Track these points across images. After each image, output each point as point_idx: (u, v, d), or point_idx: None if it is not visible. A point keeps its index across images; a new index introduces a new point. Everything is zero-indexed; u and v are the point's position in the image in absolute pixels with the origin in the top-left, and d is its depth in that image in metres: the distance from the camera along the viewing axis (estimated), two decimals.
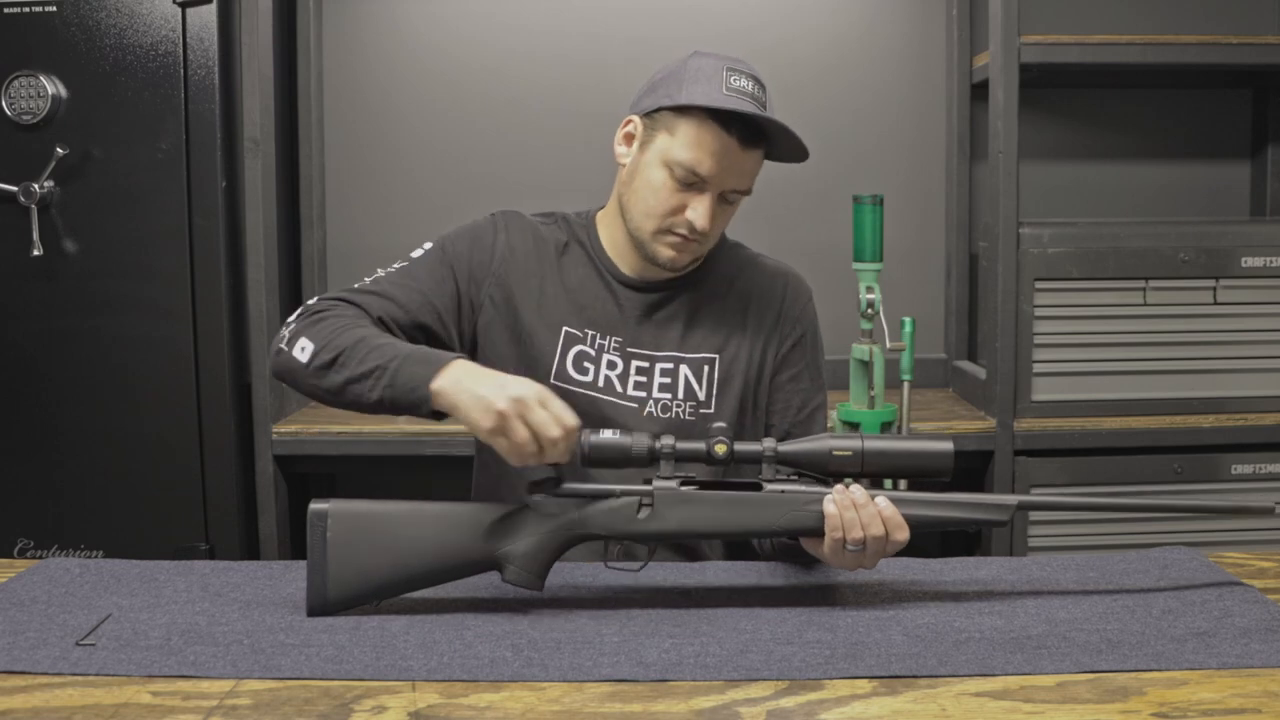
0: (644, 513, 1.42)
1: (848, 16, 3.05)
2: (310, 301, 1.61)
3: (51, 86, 2.49)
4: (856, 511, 1.40)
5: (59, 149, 2.47)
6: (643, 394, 1.64)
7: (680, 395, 1.65)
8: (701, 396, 1.66)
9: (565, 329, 1.65)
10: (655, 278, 1.67)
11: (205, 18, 2.49)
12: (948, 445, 1.41)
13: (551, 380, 1.64)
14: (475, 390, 1.41)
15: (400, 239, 3.02)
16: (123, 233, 2.52)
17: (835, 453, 1.41)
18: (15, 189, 2.47)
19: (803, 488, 1.43)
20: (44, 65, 2.49)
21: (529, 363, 1.65)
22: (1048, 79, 2.78)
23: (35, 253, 2.47)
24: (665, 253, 1.61)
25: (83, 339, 2.53)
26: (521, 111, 3.03)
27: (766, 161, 1.64)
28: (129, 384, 2.53)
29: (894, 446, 1.42)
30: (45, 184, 2.48)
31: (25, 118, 2.49)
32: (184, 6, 2.48)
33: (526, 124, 3.03)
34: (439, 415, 1.47)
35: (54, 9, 2.49)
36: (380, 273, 1.66)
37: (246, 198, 2.55)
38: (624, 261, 1.68)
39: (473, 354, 1.67)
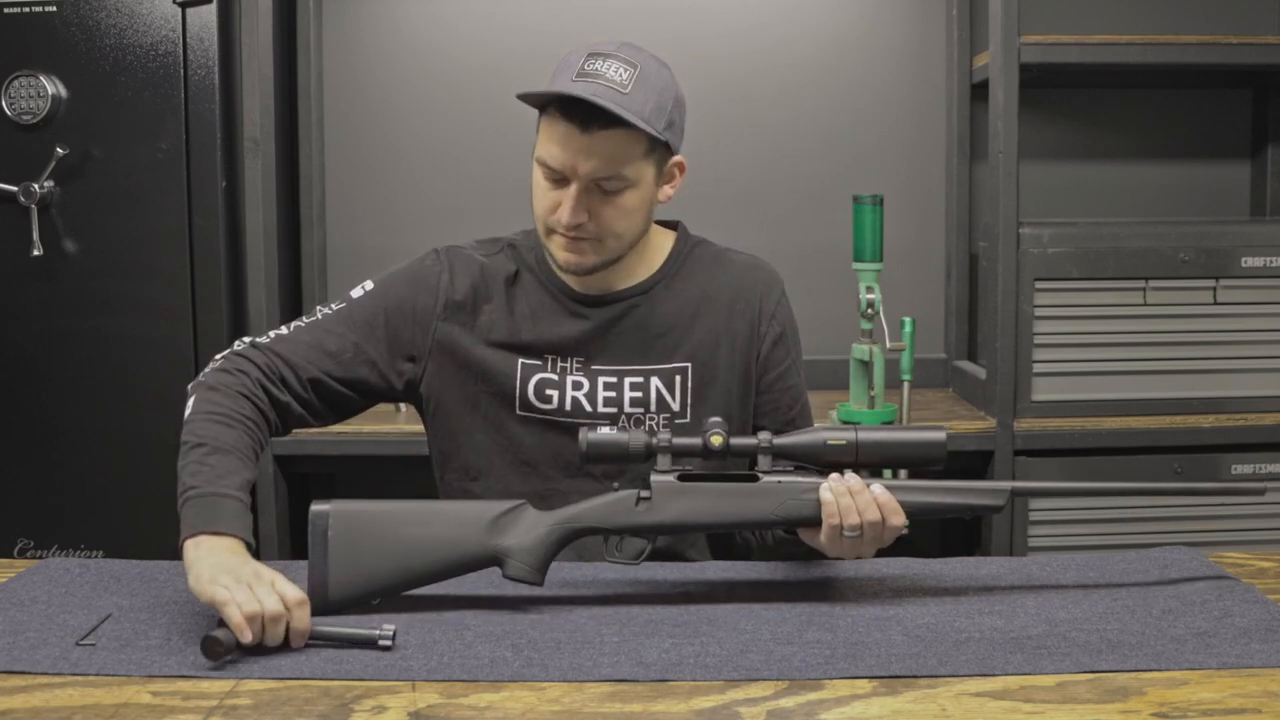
0: (642, 505, 1.42)
1: (848, 16, 3.05)
2: (236, 347, 1.58)
3: (51, 86, 2.49)
4: (852, 498, 1.41)
5: (59, 149, 2.47)
6: (613, 410, 1.62)
7: (653, 408, 1.63)
8: (675, 407, 1.63)
9: (521, 360, 1.62)
10: (610, 290, 1.64)
11: (205, 18, 2.49)
12: (940, 434, 1.42)
13: (517, 411, 1.62)
14: (198, 572, 1.31)
15: (400, 239, 3.05)
16: (123, 233, 2.52)
17: (830, 443, 1.42)
18: (15, 189, 2.47)
19: (799, 478, 1.44)
20: (44, 65, 2.49)
21: (490, 397, 1.63)
22: (1048, 79, 2.78)
23: (35, 253, 2.47)
24: (559, 254, 1.58)
25: (83, 339, 2.53)
26: (522, 112, 3.02)
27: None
28: (129, 384, 2.53)
29: (887, 436, 1.44)
30: (45, 184, 2.48)
31: (25, 118, 2.49)
32: (184, 6, 2.48)
33: (527, 124, 3.01)
34: None
35: (54, 9, 2.49)
36: (319, 314, 1.62)
37: (246, 198, 2.55)
38: (571, 277, 1.64)
39: (421, 400, 1.66)
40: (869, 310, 2.50)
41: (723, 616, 1.39)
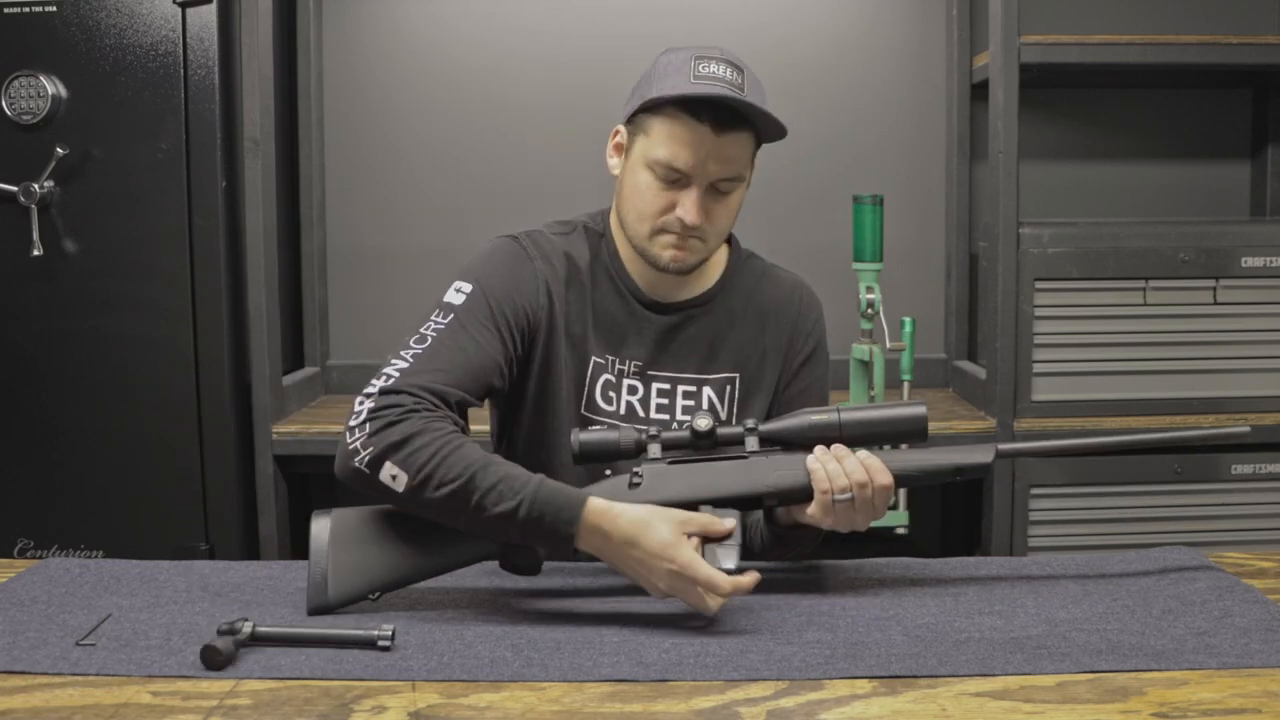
0: (635, 488, 1.43)
1: (848, 16, 3.05)
2: (381, 406, 1.41)
3: (51, 86, 2.49)
4: (839, 463, 1.43)
5: (59, 149, 2.47)
6: (665, 417, 1.63)
7: None
8: (724, 416, 1.65)
9: (594, 359, 1.61)
10: (675, 299, 1.64)
11: (205, 18, 2.49)
12: (921, 407, 1.46)
13: (581, 412, 1.60)
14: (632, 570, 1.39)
15: (400, 239, 3.06)
16: (123, 233, 2.51)
17: (815, 421, 1.45)
18: (15, 189, 2.47)
19: (786, 454, 1.46)
20: (44, 65, 2.49)
21: (556, 395, 1.59)
22: (1048, 79, 2.78)
23: (35, 253, 2.47)
24: (665, 254, 1.57)
25: (83, 339, 2.53)
26: (522, 112, 3.03)
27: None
28: (129, 384, 2.53)
29: (870, 414, 1.46)
30: (45, 184, 2.48)
31: (25, 118, 2.49)
32: (184, 6, 2.48)
33: (527, 124, 3.03)
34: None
35: (54, 9, 2.49)
36: (429, 333, 1.50)
37: (246, 198, 2.55)
38: (640, 278, 1.63)
39: (508, 389, 1.60)
40: (869, 310, 2.50)
41: (723, 616, 1.39)
